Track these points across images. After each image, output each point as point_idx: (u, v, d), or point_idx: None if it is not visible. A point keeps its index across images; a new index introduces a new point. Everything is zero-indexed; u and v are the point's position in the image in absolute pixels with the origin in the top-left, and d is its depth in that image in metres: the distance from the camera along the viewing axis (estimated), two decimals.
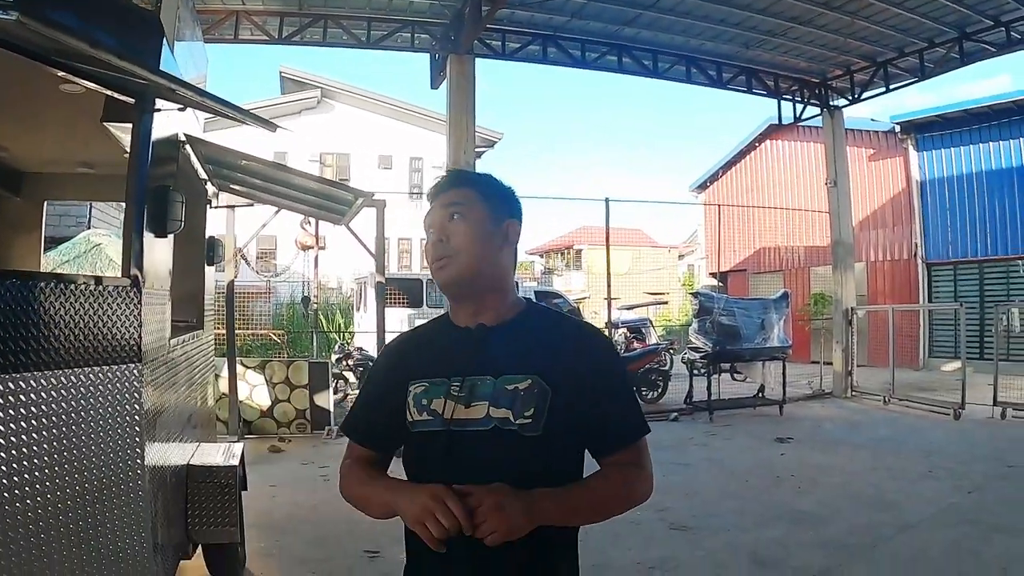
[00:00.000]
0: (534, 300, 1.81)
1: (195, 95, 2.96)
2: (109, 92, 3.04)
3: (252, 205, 6.57)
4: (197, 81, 4.86)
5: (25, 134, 4.42)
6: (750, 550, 5.23)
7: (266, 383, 9.65)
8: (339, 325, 17.79)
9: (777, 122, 15.37)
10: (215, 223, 6.09)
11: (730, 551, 5.24)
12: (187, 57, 4.99)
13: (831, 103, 13.78)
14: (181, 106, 3.24)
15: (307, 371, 9.85)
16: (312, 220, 11.42)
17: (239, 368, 9.29)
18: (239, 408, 9.19)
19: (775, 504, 6.40)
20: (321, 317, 16.35)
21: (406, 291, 15.31)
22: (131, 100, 3.08)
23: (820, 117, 13.98)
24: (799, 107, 14.01)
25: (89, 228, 11.96)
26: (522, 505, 1.42)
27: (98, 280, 2.91)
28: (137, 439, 2.92)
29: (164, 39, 3.21)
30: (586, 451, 1.66)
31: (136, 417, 2.92)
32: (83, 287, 2.79)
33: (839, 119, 13.88)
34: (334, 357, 12.18)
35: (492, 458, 1.52)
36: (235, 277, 9.03)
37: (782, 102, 13.95)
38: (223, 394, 8.95)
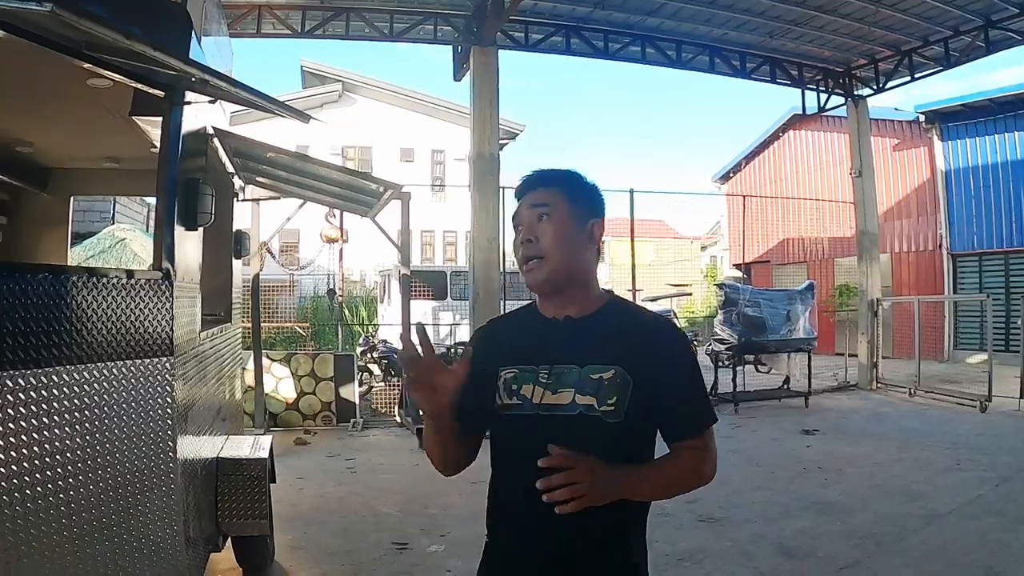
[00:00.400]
0: (613, 294, 1.88)
1: (228, 85, 2.93)
2: (138, 85, 3.04)
3: (279, 198, 6.58)
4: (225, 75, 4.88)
5: (51, 130, 4.45)
6: (777, 541, 5.22)
7: (292, 376, 9.71)
8: (363, 318, 17.83)
9: (801, 112, 15.18)
10: (241, 217, 6.11)
11: (757, 542, 5.22)
12: (214, 51, 4.98)
13: (856, 93, 13.59)
14: (211, 99, 3.21)
15: (332, 364, 9.91)
16: (337, 213, 11.40)
17: (265, 361, 9.34)
18: (265, 401, 9.24)
19: (802, 495, 6.38)
20: (345, 310, 16.40)
21: (431, 283, 15.33)
22: (161, 93, 3.08)
23: (844, 107, 13.79)
24: (823, 97, 13.82)
25: (113, 223, 12.06)
26: (605, 475, 1.59)
27: (130, 274, 2.91)
28: (169, 432, 2.93)
29: (193, 32, 3.20)
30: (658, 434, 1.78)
31: (168, 410, 2.93)
32: (115, 281, 2.79)
33: (864, 109, 13.68)
34: (359, 350, 12.19)
35: (577, 441, 1.61)
36: (261, 270, 9.05)
37: (806, 92, 13.79)
38: (249, 387, 9.00)
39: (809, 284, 12.46)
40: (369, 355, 12.23)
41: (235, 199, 5.56)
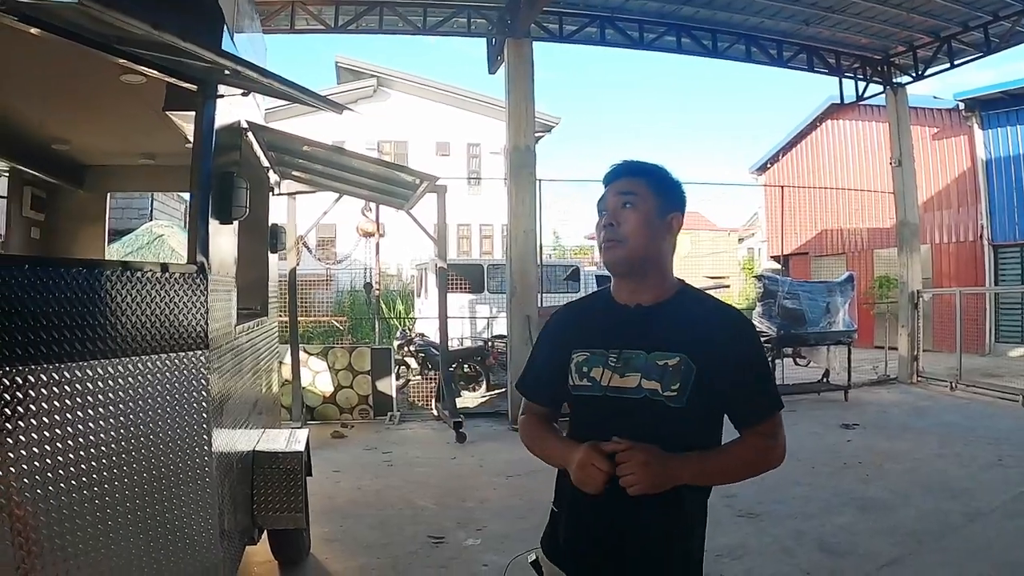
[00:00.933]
0: (686, 283, 1.97)
1: (260, 76, 2.92)
2: (171, 80, 3.04)
3: (315, 192, 6.60)
4: None
5: (87, 127, 4.50)
6: (817, 537, 5.13)
7: (329, 369, 9.76)
8: (400, 312, 17.92)
9: (839, 101, 14.86)
10: (277, 211, 6.14)
11: (797, 538, 5.13)
12: (248, 48, 5.00)
13: (894, 80, 13.21)
14: (244, 91, 3.21)
15: (369, 357, 9.93)
16: (373, 207, 11.43)
17: (302, 355, 9.42)
18: (302, 394, 9.30)
19: (842, 491, 6.26)
20: (383, 304, 16.47)
21: (468, 277, 15.32)
22: (193, 87, 3.08)
23: (883, 95, 13.45)
24: (861, 85, 13.49)
25: (151, 220, 12.25)
26: (665, 463, 1.68)
27: (164, 267, 2.91)
28: (204, 426, 2.93)
29: (225, 25, 3.20)
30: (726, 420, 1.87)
31: (203, 404, 2.93)
32: (149, 275, 2.80)
33: (903, 97, 13.31)
34: (396, 343, 12.25)
35: (641, 423, 1.74)
36: (297, 264, 9.12)
37: (844, 80, 13.48)
38: (286, 381, 9.08)
39: (848, 276, 12.20)
40: (406, 349, 12.29)
41: (271, 193, 5.59)
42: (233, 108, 3.65)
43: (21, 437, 2.25)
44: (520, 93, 10.21)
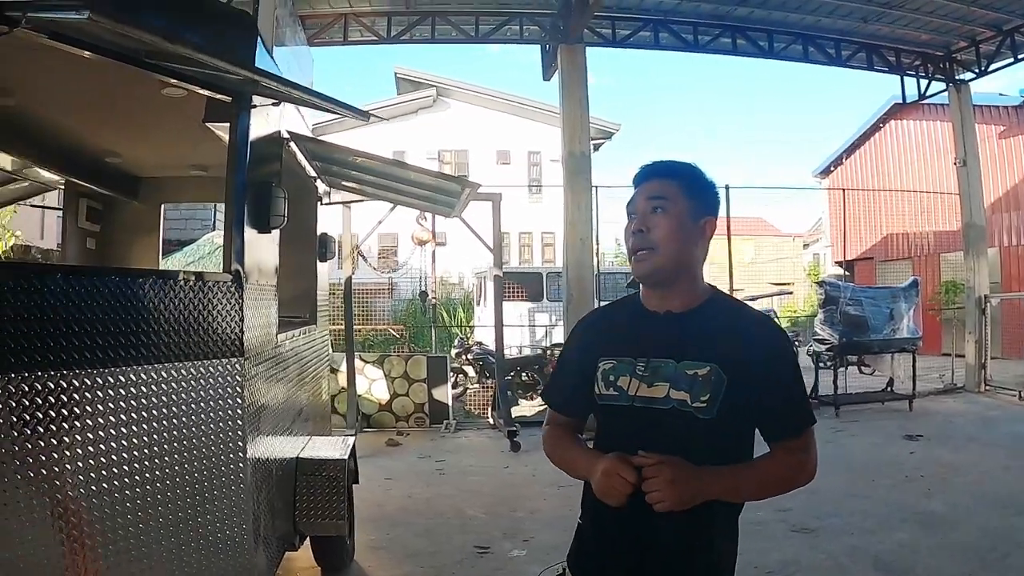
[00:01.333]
0: (717, 290, 1.89)
1: (284, 87, 2.96)
2: (205, 92, 3.10)
3: (362, 201, 6.67)
4: (300, 82, 4.96)
5: (135, 140, 4.63)
6: (874, 554, 4.89)
7: (385, 377, 9.84)
8: (461, 320, 18.00)
9: (901, 101, 14.37)
10: (331, 220, 6.22)
11: (853, 555, 4.91)
12: (291, 61, 5.10)
13: (957, 77, 12.70)
14: (275, 101, 3.24)
15: (425, 365, 9.98)
16: (428, 215, 11.53)
17: (358, 363, 9.52)
18: (358, 402, 9.40)
19: (902, 505, 5.99)
20: (442, 311, 16.58)
21: (527, 285, 15.30)
22: (228, 99, 3.13)
23: (946, 93, 12.96)
24: (923, 83, 13.02)
25: (214, 230, 12.57)
26: (692, 479, 1.61)
27: (199, 276, 2.97)
28: (240, 432, 2.96)
29: (259, 38, 3.24)
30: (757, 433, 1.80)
31: (239, 411, 2.96)
32: (184, 283, 2.85)
33: (966, 94, 12.79)
34: (453, 352, 12.29)
35: (669, 434, 1.67)
36: (353, 273, 9.23)
37: (905, 79, 13.04)
38: (342, 388, 9.20)
39: (913, 280, 11.74)
40: (464, 357, 12.31)
41: (319, 203, 5.65)
42: (272, 119, 3.70)
43: (53, 440, 2.32)
44: (574, 99, 10.17)
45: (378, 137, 22.41)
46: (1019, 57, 11.66)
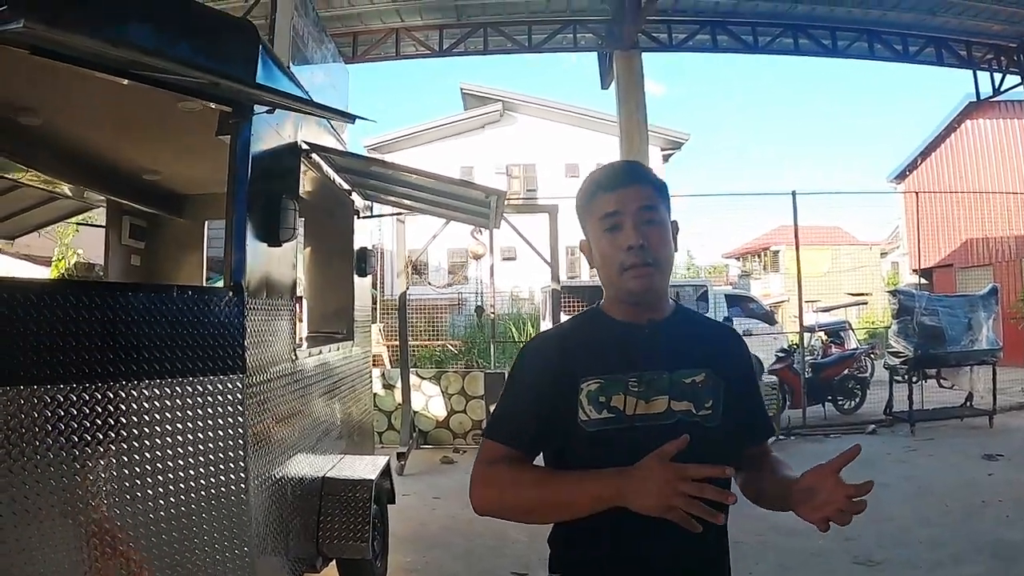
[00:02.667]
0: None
1: (274, 96, 2.87)
2: (206, 103, 3.05)
3: (401, 215, 6.60)
4: (332, 99, 4.89)
5: (170, 156, 4.64)
6: None
7: (442, 394, 9.74)
8: (529, 335, 17.82)
9: (975, 97, 13.62)
10: (385, 236, 6.15)
11: None
12: (321, 76, 5.05)
13: None
14: (268, 109, 3.16)
15: (483, 382, 9.83)
16: (482, 229, 11.45)
17: (415, 379, 9.45)
18: (414, 419, 9.32)
19: (977, 534, 5.46)
20: (510, 326, 16.44)
21: (591, 299, 15.04)
22: (228, 108, 3.07)
23: (1022, 87, 12.21)
24: (998, 77, 12.30)
25: None
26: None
27: (197, 290, 2.90)
28: (240, 451, 2.86)
29: (261, 47, 3.16)
30: None
31: (239, 429, 2.87)
32: (180, 297, 2.79)
33: None
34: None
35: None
36: (407, 289, 9.19)
37: (978, 73, 12.35)
38: (398, 404, 9.14)
39: (992, 288, 10.93)
40: None
41: (356, 217, 5.59)
42: (286, 130, 3.63)
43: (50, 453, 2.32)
44: (631, 105, 9.97)
45: (446, 153, 22.57)
46: None
